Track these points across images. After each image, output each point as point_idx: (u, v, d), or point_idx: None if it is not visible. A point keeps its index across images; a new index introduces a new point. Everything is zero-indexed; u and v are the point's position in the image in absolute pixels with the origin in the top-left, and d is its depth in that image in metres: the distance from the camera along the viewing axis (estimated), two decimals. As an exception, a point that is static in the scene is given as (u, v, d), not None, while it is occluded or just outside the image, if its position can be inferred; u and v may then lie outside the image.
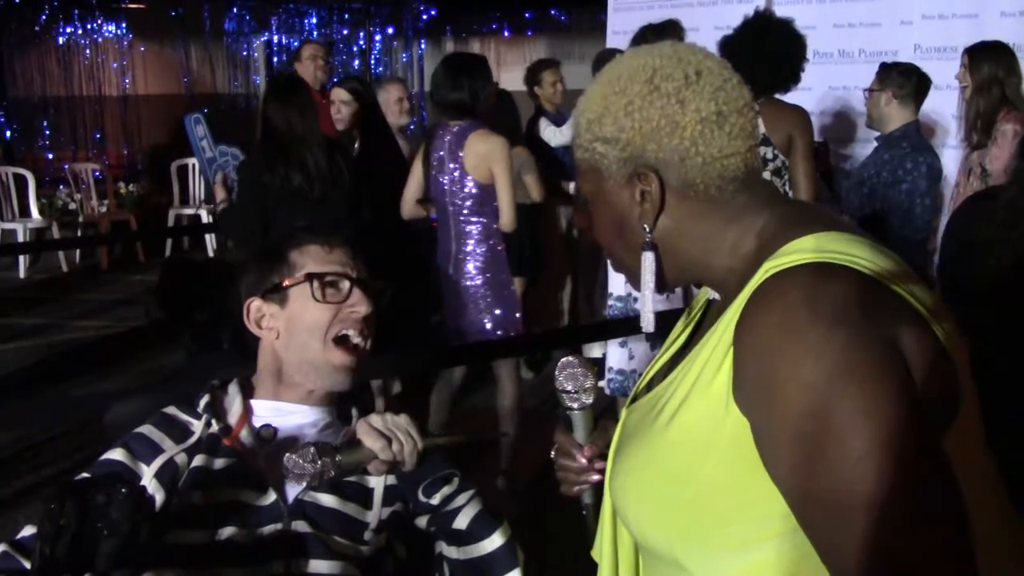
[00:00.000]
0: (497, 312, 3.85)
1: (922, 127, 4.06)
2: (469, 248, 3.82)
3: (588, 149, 1.11)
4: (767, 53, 3.57)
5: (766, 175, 3.57)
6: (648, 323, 1.14)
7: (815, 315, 0.91)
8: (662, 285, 1.12)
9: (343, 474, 1.46)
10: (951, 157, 4.60)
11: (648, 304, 1.12)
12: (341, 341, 1.60)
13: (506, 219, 3.74)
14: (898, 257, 1.01)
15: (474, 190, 3.74)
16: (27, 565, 1.40)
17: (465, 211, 3.80)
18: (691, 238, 1.09)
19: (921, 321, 0.95)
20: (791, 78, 3.70)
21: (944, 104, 4.67)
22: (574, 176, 5.32)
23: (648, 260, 1.09)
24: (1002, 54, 4.10)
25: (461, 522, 1.53)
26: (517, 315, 3.96)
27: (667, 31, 4.01)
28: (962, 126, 4.26)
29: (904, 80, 3.84)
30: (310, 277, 1.60)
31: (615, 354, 4.19)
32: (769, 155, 3.65)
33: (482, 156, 3.70)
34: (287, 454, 1.42)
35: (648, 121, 1.05)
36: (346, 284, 1.62)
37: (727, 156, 1.05)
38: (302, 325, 1.60)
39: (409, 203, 4.03)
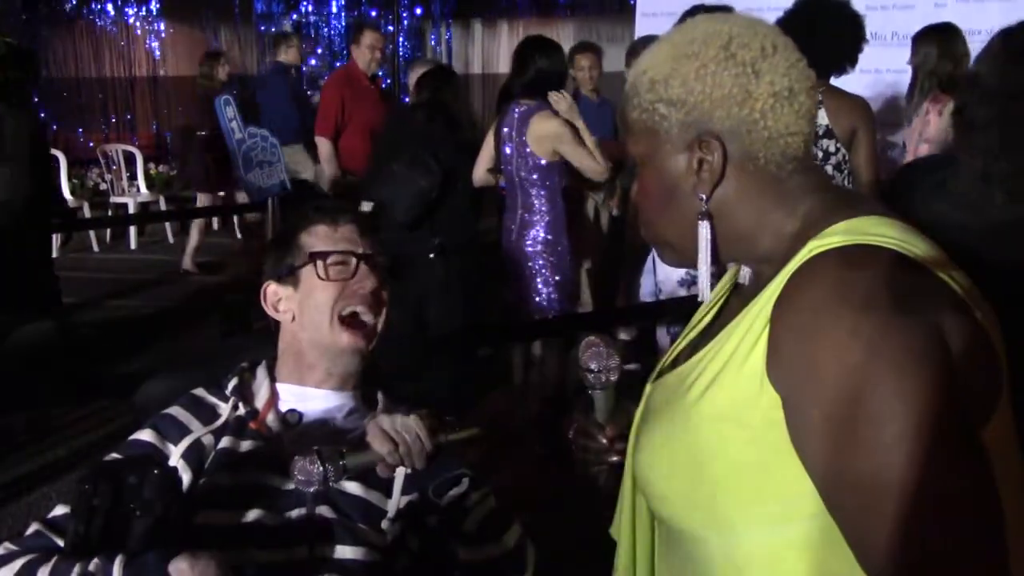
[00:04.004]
0: (556, 279, 4.12)
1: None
2: (531, 217, 4.10)
3: (647, 110, 1.07)
4: (824, 33, 3.38)
5: (828, 168, 3.41)
6: (704, 294, 1.12)
7: (856, 296, 0.90)
8: (715, 257, 1.09)
9: (351, 477, 1.47)
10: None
11: (704, 275, 1.09)
12: (349, 320, 1.60)
13: (591, 174, 4.07)
14: (937, 244, 1.00)
15: (535, 164, 4.05)
16: (60, 543, 1.42)
17: (527, 183, 4.09)
18: (742, 213, 1.07)
19: (963, 307, 0.94)
20: (850, 60, 3.55)
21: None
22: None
23: (704, 230, 1.07)
24: (942, 39, 4.05)
25: (470, 525, 1.53)
26: (568, 283, 4.23)
27: None
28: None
29: None
30: (314, 257, 1.61)
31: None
32: (832, 148, 3.47)
33: (541, 137, 4.01)
34: (295, 457, 1.39)
35: (720, 87, 1.03)
36: (353, 261, 1.62)
37: (791, 134, 1.04)
38: (312, 305, 1.61)
39: (480, 171, 4.37)
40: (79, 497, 1.24)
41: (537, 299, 4.13)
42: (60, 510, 1.50)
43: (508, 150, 4.13)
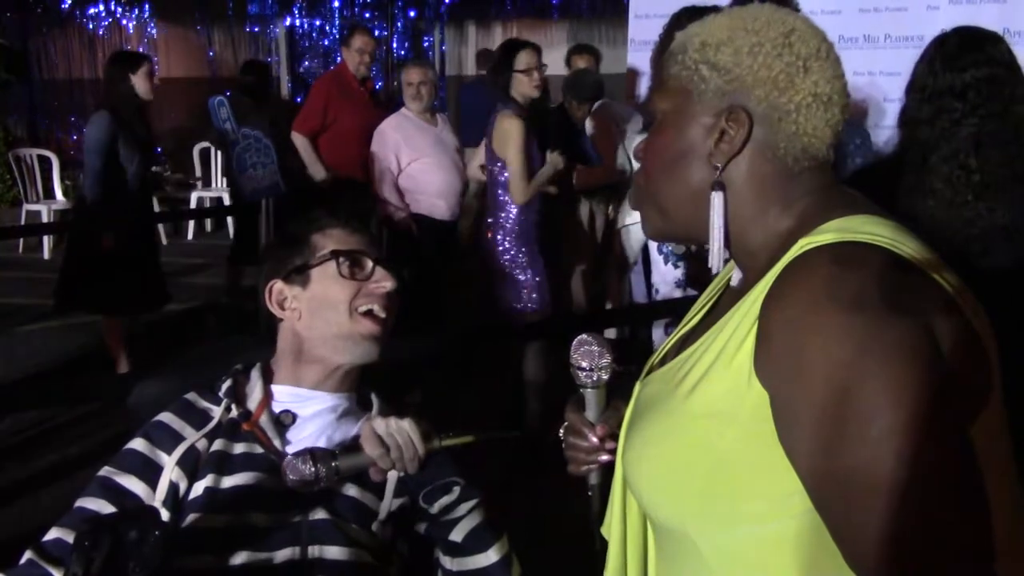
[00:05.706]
0: (524, 279, 4.19)
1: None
2: (501, 218, 4.18)
3: (689, 68, 1.08)
4: None
5: None
6: (716, 264, 1.10)
7: (846, 294, 0.90)
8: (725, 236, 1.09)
9: (342, 480, 1.47)
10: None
11: (717, 244, 1.09)
12: (366, 314, 1.62)
13: (514, 193, 4.11)
14: (927, 244, 1.01)
15: (503, 165, 4.12)
16: (53, 572, 1.40)
17: (497, 184, 4.17)
18: (744, 198, 1.08)
19: (954, 307, 0.94)
20: None
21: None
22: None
23: (717, 200, 1.07)
24: None
25: (457, 535, 1.53)
26: (542, 282, 4.28)
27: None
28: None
29: None
30: (336, 254, 1.62)
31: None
32: None
33: (499, 136, 4.09)
34: (287, 457, 1.41)
35: (769, 69, 1.04)
36: (369, 262, 1.64)
37: (815, 137, 1.05)
38: (327, 302, 1.61)
39: (473, 167, 4.61)
40: (78, 549, 1.24)
41: (507, 300, 4.21)
42: (54, 534, 1.47)
43: (484, 152, 4.27)
